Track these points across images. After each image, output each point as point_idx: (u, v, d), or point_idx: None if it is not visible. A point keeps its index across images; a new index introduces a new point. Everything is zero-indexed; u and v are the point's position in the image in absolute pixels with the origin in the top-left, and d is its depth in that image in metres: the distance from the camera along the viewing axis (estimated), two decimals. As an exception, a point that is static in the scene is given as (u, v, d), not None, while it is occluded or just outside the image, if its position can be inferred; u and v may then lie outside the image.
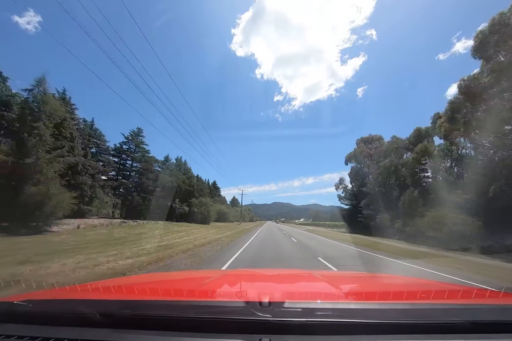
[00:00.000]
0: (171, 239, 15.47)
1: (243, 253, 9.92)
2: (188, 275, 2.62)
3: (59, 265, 6.45)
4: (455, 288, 1.69)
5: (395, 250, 13.47)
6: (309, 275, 2.23)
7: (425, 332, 0.88)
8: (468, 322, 0.89)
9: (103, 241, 12.57)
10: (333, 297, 1.32)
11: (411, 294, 1.38)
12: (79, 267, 6.23)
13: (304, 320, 0.88)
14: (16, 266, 5.97)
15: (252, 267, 6.87)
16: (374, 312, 0.94)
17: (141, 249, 10.09)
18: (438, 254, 12.32)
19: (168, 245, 11.78)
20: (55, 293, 1.42)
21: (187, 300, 1.13)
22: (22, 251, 8.14)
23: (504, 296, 1.25)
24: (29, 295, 1.22)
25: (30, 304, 1.00)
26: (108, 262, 7.11)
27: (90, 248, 9.74)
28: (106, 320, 0.92)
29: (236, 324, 0.89)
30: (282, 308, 0.92)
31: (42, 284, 3.07)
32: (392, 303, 1.07)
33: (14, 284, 3.09)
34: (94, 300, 1.15)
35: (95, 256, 7.96)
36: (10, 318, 0.99)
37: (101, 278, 4.92)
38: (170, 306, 1.02)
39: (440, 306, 1.04)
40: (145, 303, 1.05)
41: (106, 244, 11.15)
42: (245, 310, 0.91)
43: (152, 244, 11.90)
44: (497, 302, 1.20)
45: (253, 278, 2.18)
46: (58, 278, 5.16)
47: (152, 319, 0.93)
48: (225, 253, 10.10)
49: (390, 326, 0.89)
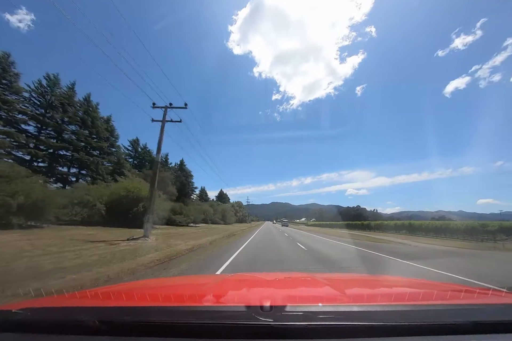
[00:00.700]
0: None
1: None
2: (188, 280, 2.60)
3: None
4: (457, 288, 1.69)
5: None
6: (310, 278, 2.22)
7: (428, 334, 0.88)
8: (471, 322, 0.89)
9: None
10: (334, 300, 1.32)
11: (413, 295, 1.38)
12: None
13: (306, 324, 0.87)
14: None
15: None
16: (376, 315, 0.94)
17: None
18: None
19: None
20: (53, 301, 1.40)
21: (187, 306, 1.12)
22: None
23: (506, 296, 1.26)
24: (27, 303, 1.20)
25: (28, 312, 0.98)
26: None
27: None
28: (105, 327, 0.91)
29: (238, 329, 0.89)
30: (283, 312, 0.91)
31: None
32: (394, 305, 1.07)
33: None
34: (93, 307, 1.14)
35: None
36: (8, 327, 0.97)
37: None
38: (171, 312, 1.01)
39: (443, 307, 1.04)
40: (145, 309, 1.04)
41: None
42: (246, 314, 0.91)
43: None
44: (500, 301, 1.21)
45: (253, 282, 2.17)
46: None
47: (153, 325, 0.92)
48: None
49: (393, 328, 0.88)
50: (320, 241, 17.99)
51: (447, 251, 12.99)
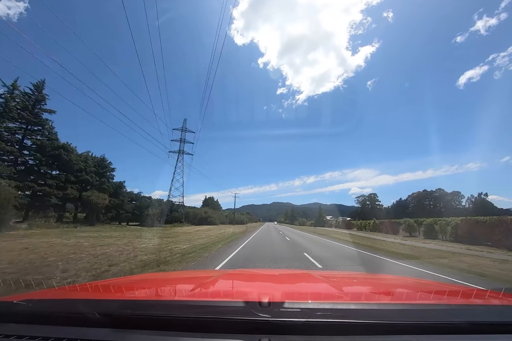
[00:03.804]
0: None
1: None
2: (188, 275, 2.62)
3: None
4: (455, 288, 1.68)
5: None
6: (308, 275, 2.23)
7: (425, 333, 0.88)
8: (468, 322, 0.89)
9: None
10: (332, 297, 1.32)
11: (411, 294, 1.38)
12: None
13: (304, 320, 0.87)
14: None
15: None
16: (374, 313, 0.94)
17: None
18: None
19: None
20: (55, 293, 1.42)
21: (186, 300, 1.13)
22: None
23: (503, 297, 1.25)
24: (29, 295, 1.22)
25: (30, 303, 1.00)
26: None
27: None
28: (105, 319, 0.92)
29: (236, 324, 0.89)
30: (281, 308, 0.92)
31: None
32: (392, 303, 1.07)
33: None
34: (94, 299, 1.15)
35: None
36: (10, 318, 1.00)
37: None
38: (170, 305, 1.02)
39: (440, 307, 1.03)
40: (145, 303, 1.05)
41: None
42: (245, 310, 0.92)
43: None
44: (497, 302, 1.21)
45: (252, 278, 2.18)
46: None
47: (152, 318, 0.93)
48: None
49: (390, 326, 0.89)
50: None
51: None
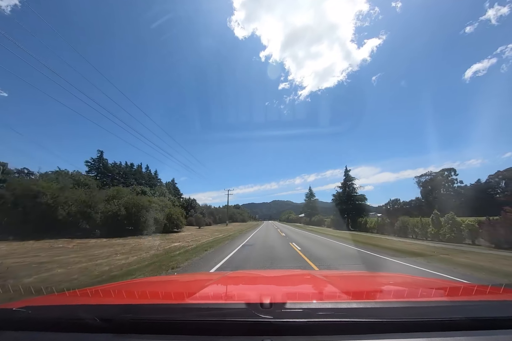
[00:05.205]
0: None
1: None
2: (188, 278, 2.61)
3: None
4: (455, 285, 1.70)
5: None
6: (309, 275, 2.23)
7: (427, 330, 0.88)
8: (469, 319, 0.89)
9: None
10: (334, 297, 1.32)
11: (412, 292, 1.39)
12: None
13: (306, 321, 0.87)
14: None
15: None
16: (375, 311, 0.94)
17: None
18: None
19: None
20: (54, 299, 1.41)
21: (188, 303, 1.13)
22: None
23: (504, 292, 1.26)
24: (28, 301, 1.21)
25: (29, 310, 0.99)
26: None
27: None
28: (106, 325, 0.91)
29: (238, 326, 0.89)
30: (283, 309, 0.92)
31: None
32: (394, 301, 1.08)
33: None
34: (94, 305, 1.14)
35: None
36: (9, 325, 0.98)
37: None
38: (171, 309, 1.02)
39: (442, 304, 1.04)
40: (146, 307, 1.05)
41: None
42: (247, 311, 0.91)
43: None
44: (498, 298, 1.21)
45: (253, 280, 2.18)
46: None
47: (153, 323, 0.92)
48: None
49: (392, 325, 0.89)
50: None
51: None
